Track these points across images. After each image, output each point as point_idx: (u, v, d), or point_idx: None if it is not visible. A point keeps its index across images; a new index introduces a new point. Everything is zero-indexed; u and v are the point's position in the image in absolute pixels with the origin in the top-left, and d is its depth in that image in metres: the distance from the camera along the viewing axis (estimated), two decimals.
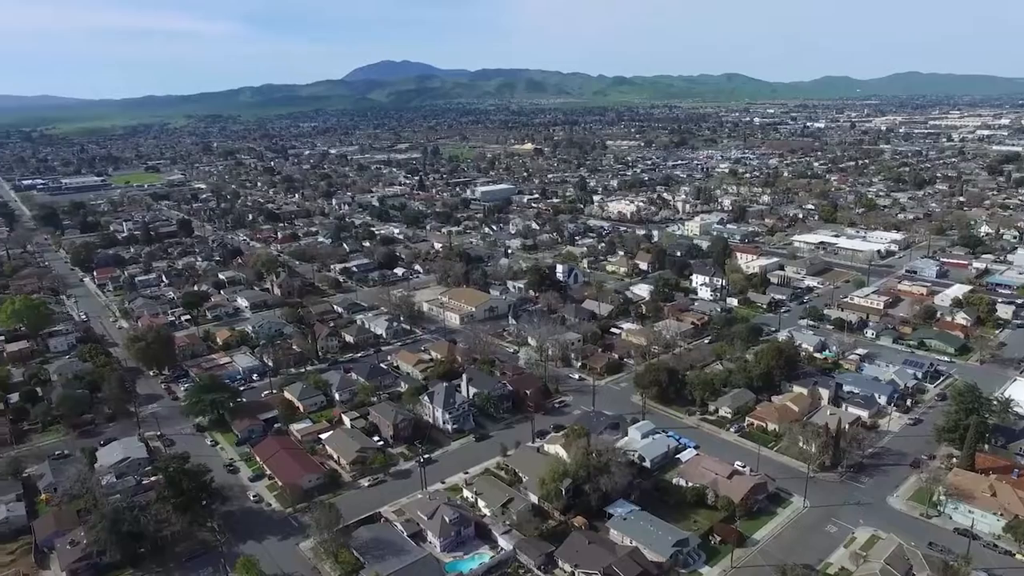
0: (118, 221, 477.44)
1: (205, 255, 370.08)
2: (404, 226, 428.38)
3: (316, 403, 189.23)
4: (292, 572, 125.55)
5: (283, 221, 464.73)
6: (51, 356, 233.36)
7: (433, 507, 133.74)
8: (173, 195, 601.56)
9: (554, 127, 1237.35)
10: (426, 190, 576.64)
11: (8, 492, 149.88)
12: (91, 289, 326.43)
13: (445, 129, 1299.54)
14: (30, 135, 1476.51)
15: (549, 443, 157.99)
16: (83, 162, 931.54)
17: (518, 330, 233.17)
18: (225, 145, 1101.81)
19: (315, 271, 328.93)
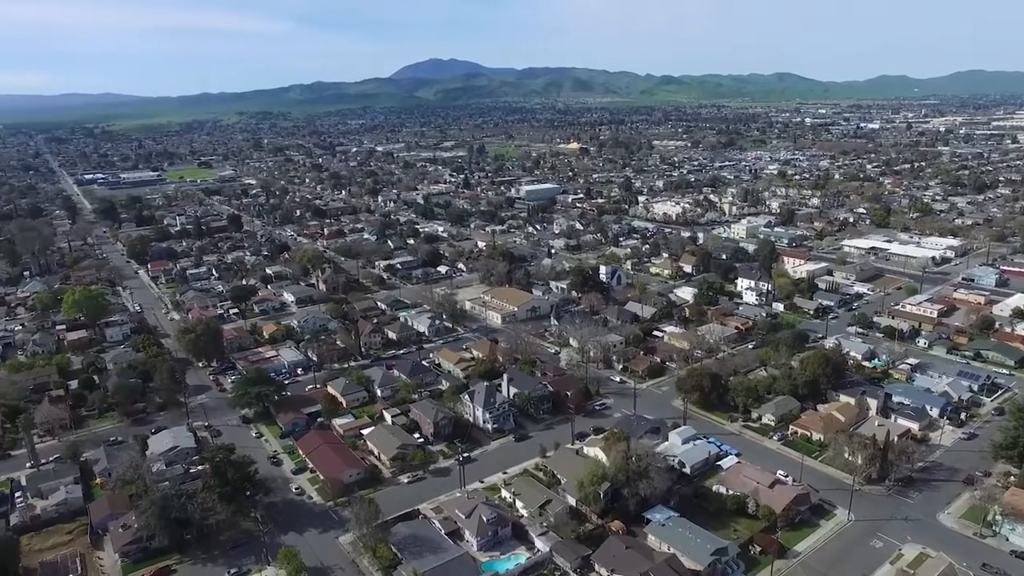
0: (172, 215, 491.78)
1: (254, 250, 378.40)
2: (448, 224, 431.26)
3: (358, 399, 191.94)
4: (331, 565, 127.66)
5: (330, 217, 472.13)
6: (107, 345, 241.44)
7: (471, 506, 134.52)
8: (224, 190, 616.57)
9: (600, 126, 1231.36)
10: (471, 188, 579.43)
11: (67, 475, 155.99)
12: (145, 281, 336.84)
13: (491, 128, 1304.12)
14: (92, 131, 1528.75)
15: (588, 446, 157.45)
16: (140, 157, 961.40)
17: (560, 331, 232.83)
18: (275, 142, 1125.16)
19: (360, 267, 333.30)
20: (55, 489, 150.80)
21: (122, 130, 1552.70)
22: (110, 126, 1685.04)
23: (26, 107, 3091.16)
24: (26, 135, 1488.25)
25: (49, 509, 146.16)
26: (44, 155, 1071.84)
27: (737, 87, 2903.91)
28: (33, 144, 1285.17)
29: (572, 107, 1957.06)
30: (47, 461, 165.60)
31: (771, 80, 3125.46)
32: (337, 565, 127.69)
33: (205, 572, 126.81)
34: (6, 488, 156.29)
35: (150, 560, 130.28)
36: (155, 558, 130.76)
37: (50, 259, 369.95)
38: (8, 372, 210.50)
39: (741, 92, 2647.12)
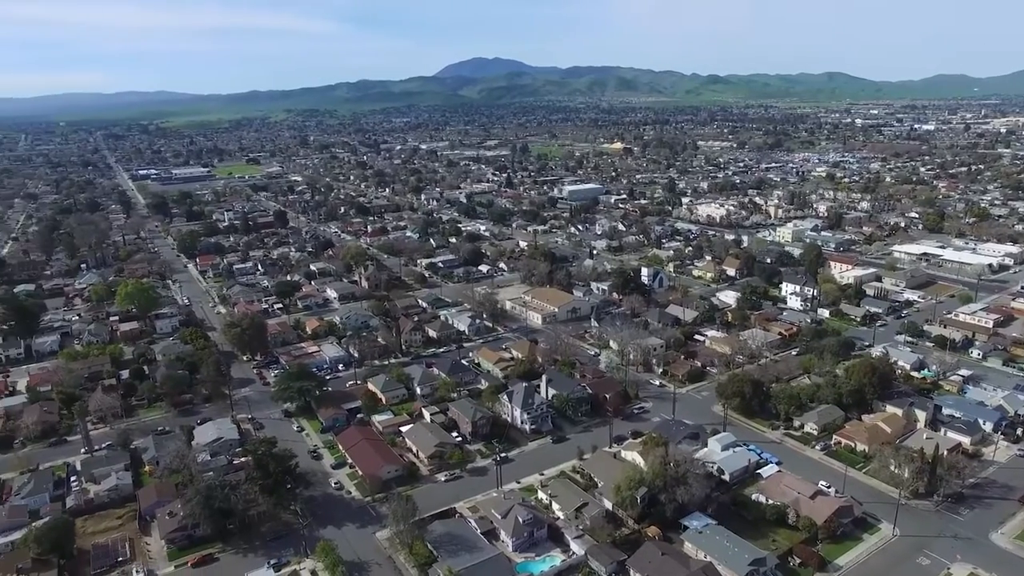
0: (220, 211, 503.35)
1: (298, 246, 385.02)
2: (490, 223, 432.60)
3: (398, 396, 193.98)
4: (368, 560, 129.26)
5: (373, 215, 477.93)
6: (157, 337, 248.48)
7: (507, 506, 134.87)
8: (271, 187, 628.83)
9: (644, 126, 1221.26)
10: (514, 188, 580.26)
11: (118, 462, 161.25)
12: (194, 275, 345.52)
13: (534, 127, 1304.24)
14: (147, 128, 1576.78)
15: (626, 449, 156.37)
16: (191, 154, 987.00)
17: (600, 332, 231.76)
18: (321, 139, 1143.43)
19: (402, 265, 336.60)
20: (107, 475, 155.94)
21: (175, 127, 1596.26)
22: (164, 123, 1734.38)
23: (87, 105, 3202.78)
24: (86, 132, 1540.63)
25: (101, 494, 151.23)
26: (102, 151, 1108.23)
27: (785, 87, 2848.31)
28: (92, 140, 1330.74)
29: (616, 106, 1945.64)
30: (100, 447, 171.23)
31: (821, 80, 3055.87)
32: (374, 560, 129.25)
33: (246, 562, 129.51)
34: (63, 472, 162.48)
35: (194, 547, 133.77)
36: (199, 546, 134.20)
37: (106, 252, 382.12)
38: (65, 361, 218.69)
39: (789, 92, 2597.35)
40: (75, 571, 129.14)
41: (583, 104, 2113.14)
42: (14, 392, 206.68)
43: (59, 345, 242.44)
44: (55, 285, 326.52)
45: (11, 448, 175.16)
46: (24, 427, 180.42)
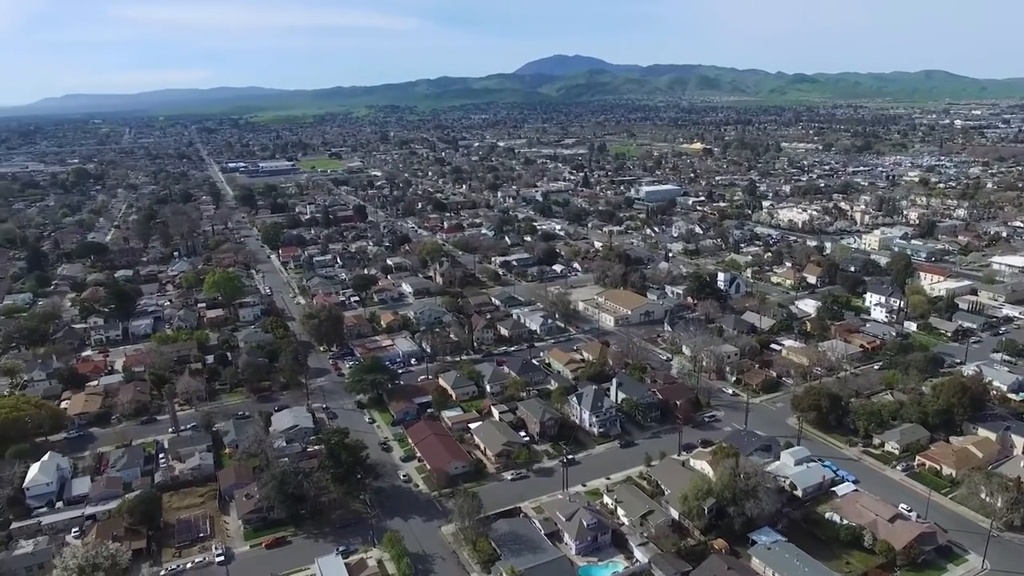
0: (303, 204, 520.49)
1: (376, 240, 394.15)
2: (566, 223, 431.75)
3: (468, 392, 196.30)
4: (432, 553, 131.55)
5: (450, 211, 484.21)
6: (240, 325, 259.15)
7: (572, 509, 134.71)
8: (351, 181, 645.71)
9: (725, 126, 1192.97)
10: (590, 187, 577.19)
11: (201, 442, 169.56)
12: (276, 265, 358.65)
13: (613, 125, 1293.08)
14: (237, 122, 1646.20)
15: (695, 458, 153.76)
16: (277, 148, 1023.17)
17: (673, 337, 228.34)
18: (401, 135, 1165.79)
19: (476, 262, 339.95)
20: (191, 454, 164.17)
21: (263, 121, 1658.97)
22: (253, 118, 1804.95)
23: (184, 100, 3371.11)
24: (183, 126, 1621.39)
25: (185, 472, 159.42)
26: (196, 144, 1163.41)
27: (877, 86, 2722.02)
28: (187, 134, 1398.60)
29: (697, 106, 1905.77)
30: (185, 428, 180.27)
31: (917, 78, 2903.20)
32: (438, 554, 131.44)
33: (316, 547, 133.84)
34: (152, 448, 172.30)
35: (269, 529, 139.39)
36: (273, 528, 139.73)
37: (196, 241, 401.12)
38: (157, 344, 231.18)
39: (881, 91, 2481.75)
40: (161, 543, 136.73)
41: (663, 103, 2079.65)
42: (112, 371, 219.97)
43: (152, 328, 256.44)
44: (150, 271, 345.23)
45: (109, 423, 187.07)
46: (120, 404, 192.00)
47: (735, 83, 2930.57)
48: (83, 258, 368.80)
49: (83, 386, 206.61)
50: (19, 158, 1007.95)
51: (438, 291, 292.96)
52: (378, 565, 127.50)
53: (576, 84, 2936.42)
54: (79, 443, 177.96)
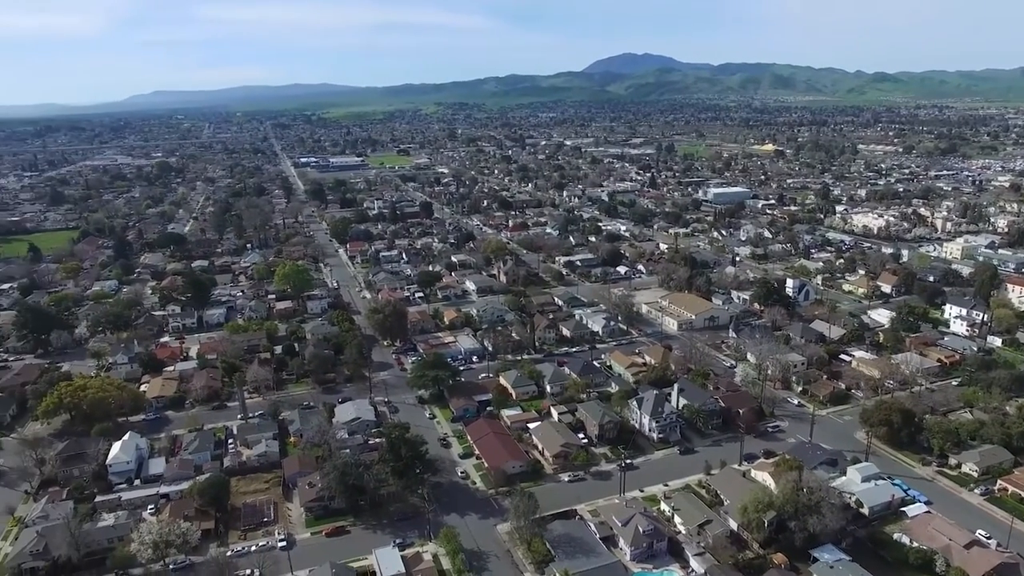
0: (371, 199, 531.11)
1: (441, 237, 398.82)
2: (631, 223, 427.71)
3: (528, 392, 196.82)
4: (487, 551, 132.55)
5: (515, 209, 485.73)
6: (308, 317, 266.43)
7: (629, 514, 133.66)
8: (419, 177, 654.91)
9: (799, 127, 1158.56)
10: (657, 188, 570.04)
11: (268, 430, 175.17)
12: (343, 259, 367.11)
13: (682, 125, 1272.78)
14: (310, 118, 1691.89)
15: (757, 469, 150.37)
16: (348, 143, 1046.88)
17: (738, 344, 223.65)
18: (468, 132, 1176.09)
19: (540, 261, 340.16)
20: (258, 441, 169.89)
21: (334, 118, 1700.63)
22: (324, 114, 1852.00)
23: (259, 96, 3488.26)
24: (258, 121, 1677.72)
25: (252, 458, 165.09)
26: (270, 139, 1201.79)
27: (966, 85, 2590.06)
28: (262, 129, 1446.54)
29: (769, 106, 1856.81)
30: (253, 415, 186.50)
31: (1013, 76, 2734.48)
32: (493, 552, 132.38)
33: (374, 538, 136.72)
34: (222, 434, 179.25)
35: (329, 518, 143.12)
36: (333, 517, 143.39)
37: (268, 234, 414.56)
38: (229, 333, 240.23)
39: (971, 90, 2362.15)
40: (228, 525, 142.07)
41: (734, 103, 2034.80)
42: (187, 358, 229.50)
43: (225, 318, 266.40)
44: (224, 262, 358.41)
45: (183, 407, 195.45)
46: (194, 390, 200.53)
47: (810, 82, 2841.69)
48: (163, 248, 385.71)
49: (161, 371, 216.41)
50: (109, 151, 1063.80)
51: (501, 289, 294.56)
52: (433, 559, 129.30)
53: (645, 83, 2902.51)
54: (156, 425, 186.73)
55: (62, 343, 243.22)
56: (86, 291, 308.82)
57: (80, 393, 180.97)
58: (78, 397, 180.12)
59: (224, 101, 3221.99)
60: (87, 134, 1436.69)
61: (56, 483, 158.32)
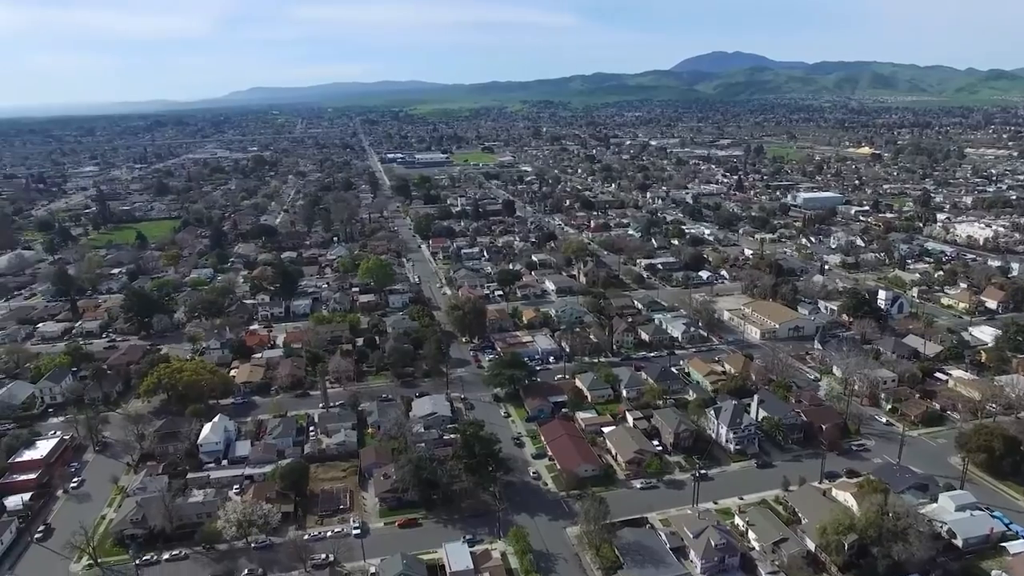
0: (454, 196, 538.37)
1: (523, 236, 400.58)
2: (716, 227, 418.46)
3: (603, 395, 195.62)
4: (556, 553, 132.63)
5: (597, 210, 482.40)
6: (389, 311, 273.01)
7: (701, 526, 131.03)
8: (502, 175, 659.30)
9: (900, 129, 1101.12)
10: (744, 191, 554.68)
11: (347, 420, 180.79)
12: (425, 255, 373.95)
13: (772, 126, 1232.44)
14: (397, 115, 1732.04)
15: (839, 488, 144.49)
16: (433, 140, 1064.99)
17: (823, 356, 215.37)
18: (553, 131, 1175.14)
19: (621, 263, 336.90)
20: (337, 430, 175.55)
21: (421, 114, 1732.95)
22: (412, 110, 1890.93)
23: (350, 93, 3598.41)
24: (348, 117, 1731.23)
25: (331, 446, 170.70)
26: (359, 135, 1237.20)
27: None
28: (352, 125, 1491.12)
29: (868, 106, 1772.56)
30: (334, 405, 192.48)
31: None
32: (561, 555, 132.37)
33: (445, 533, 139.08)
34: (303, 421, 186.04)
35: (402, 510, 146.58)
36: (406, 509, 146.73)
37: (354, 228, 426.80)
38: (314, 323, 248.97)
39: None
40: (306, 509, 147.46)
41: (829, 103, 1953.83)
42: (274, 346, 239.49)
43: (310, 308, 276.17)
44: (312, 255, 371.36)
45: (269, 394, 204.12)
46: (279, 377, 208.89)
47: (914, 81, 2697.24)
48: (256, 239, 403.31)
49: (249, 357, 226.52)
50: (210, 145, 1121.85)
51: (581, 290, 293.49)
52: (502, 558, 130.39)
53: (735, 82, 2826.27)
54: (243, 409, 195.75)
55: (162, 327, 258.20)
56: (185, 278, 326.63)
57: (177, 375, 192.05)
58: (175, 379, 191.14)
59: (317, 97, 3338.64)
60: (191, 129, 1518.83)
61: (153, 458, 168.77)
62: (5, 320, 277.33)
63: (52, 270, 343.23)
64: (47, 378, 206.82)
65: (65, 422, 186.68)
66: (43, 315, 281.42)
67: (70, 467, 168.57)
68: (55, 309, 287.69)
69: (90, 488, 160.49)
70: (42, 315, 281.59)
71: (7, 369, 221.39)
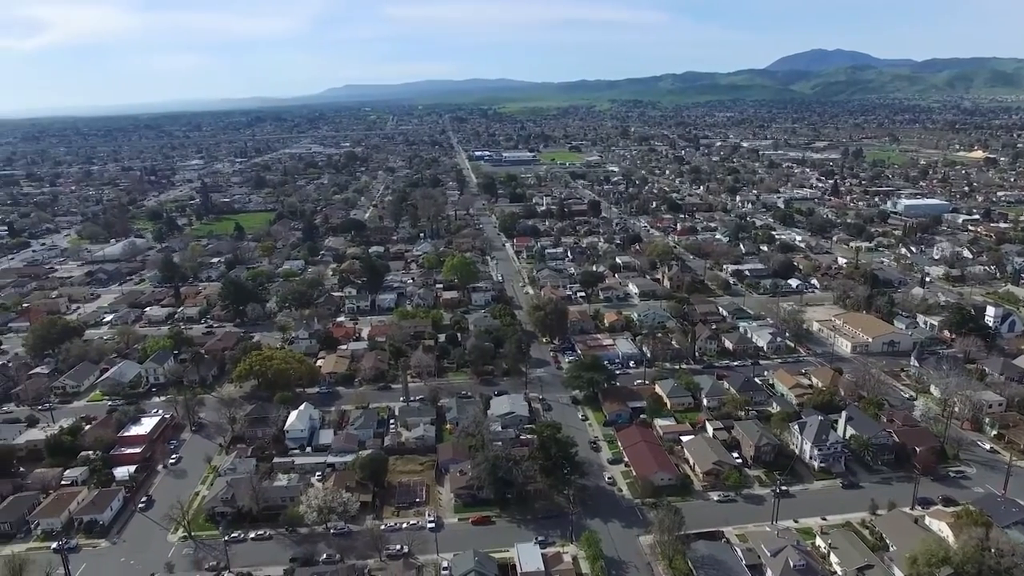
0: (540, 195, 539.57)
1: (607, 237, 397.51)
2: (808, 234, 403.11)
3: (683, 403, 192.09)
4: (627, 561, 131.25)
5: (684, 212, 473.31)
6: (471, 308, 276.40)
7: (779, 545, 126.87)
8: (588, 175, 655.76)
9: (1020, 131, 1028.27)
10: (839, 196, 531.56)
11: (426, 415, 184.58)
12: (509, 254, 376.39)
13: (873, 128, 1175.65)
14: (486, 112, 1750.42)
15: (932, 516, 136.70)
16: (521, 138, 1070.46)
17: (920, 374, 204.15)
18: (641, 130, 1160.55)
19: (707, 268, 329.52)
20: (417, 424, 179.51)
21: (509, 112, 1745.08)
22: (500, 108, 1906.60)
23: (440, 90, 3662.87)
24: (437, 114, 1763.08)
25: (410, 440, 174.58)
26: (447, 132, 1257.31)
27: None
28: (441, 122, 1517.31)
29: (983, 106, 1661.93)
30: (414, 399, 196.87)
31: None
32: (632, 563, 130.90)
33: (518, 532, 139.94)
34: (384, 413, 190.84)
35: (476, 507, 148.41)
36: (480, 506, 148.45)
37: (440, 224, 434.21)
38: (398, 318, 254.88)
39: None
40: (384, 500, 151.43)
41: (938, 103, 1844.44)
42: (359, 338, 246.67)
43: (395, 303, 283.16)
44: (398, 250, 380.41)
45: (352, 385, 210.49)
46: (363, 369, 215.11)
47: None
48: (345, 233, 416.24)
49: (335, 348, 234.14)
50: (305, 141, 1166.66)
51: (664, 295, 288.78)
52: (573, 562, 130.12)
53: (834, 81, 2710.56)
54: (327, 399, 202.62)
55: (256, 315, 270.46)
56: (277, 269, 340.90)
57: (267, 363, 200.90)
58: (265, 366, 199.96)
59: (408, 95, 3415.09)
60: (288, 124, 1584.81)
61: (243, 441, 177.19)
62: (118, 303, 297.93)
63: (159, 258, 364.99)
64: (152, 359, 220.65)
65: (166, 402, 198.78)
66: (150, 300, 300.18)
67: (169, 444, 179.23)
68: (161, 294, 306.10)
69: (186, 465, 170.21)
70: (149, 300, 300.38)
71: (118, 349, 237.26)
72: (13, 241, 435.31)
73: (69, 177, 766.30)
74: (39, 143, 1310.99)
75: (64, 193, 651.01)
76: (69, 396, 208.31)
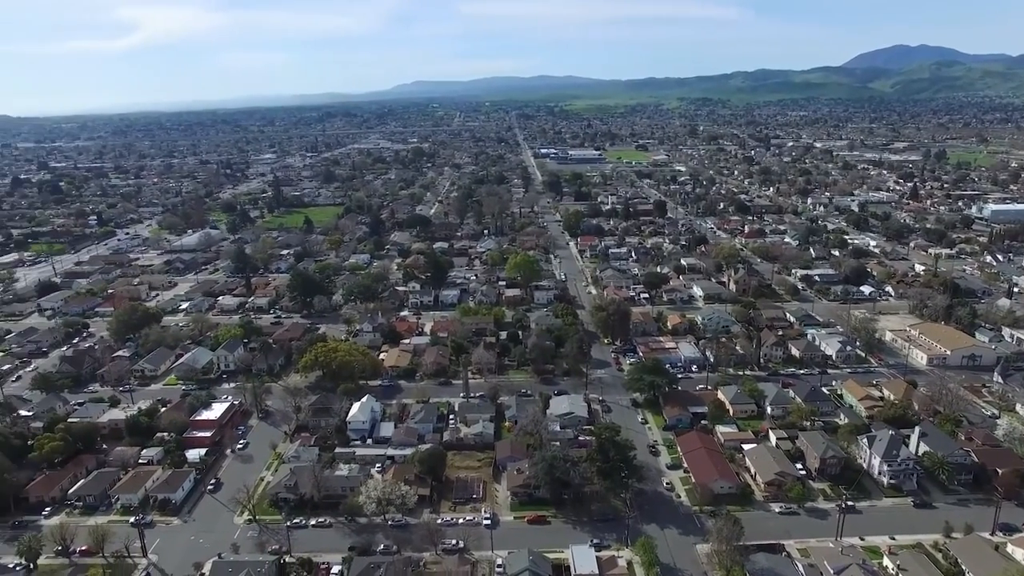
0: (605, 194, 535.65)
1: (673, 238, 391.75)
2: (883, 239, 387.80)
3: (746, 410, 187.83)
4: (683, 569, 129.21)
5: (752, 214, 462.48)
6: (534, 306, 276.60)
7: (844, 563, 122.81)
8: (655, 175, 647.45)
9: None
10: (919, 200, 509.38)
11: (486, 412, 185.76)
12: (573, 253, 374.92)
13: (959, 128, 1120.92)
14: (552, 110, 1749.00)
15: (1015, 544, 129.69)
16: (587, 136, 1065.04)
17: (1004, 391, 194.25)
18: (710, 129, 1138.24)
19: (775, 273, 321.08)
20: (476, 421, 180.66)
21: (576, 110, 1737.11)
22: (567, 106, 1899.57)
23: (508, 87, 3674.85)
24: (504, 111, 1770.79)
25: (469, 436, 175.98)
26: (514, 129, 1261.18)
27: None
28: (507, 119, 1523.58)
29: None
30: (474, 396, 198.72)
31: None
32: (688, 572, 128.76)
33: (573, 533, 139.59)
34: (444, 409, 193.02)
35: (533, 505, 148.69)
36: (536, 505, 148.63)
37: (504, 222, 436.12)
38: (460, 314, 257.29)
39: None
40: (441, 495, 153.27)
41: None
42: (422, 333, 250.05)
43: (458, 299, 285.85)
44: (462, 246, 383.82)
45: (413, 379, 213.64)
46: (424, 364, 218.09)
47: None
48: (411, 228, 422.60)
49: (398, 342, 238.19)
50: (374, 136, 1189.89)
51: (730, 298, 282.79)
52: (627, 566, 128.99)
53: (917, 78, 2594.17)
54: (389, 392, 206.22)
55: (322, 307, 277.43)
56: (344, 262, 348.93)
57: (332, 354, 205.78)
58: (330, 357, 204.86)
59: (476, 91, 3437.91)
60: (357, 120, 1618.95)
61: (307, 429, 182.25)
62: (193, 292, 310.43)
63: (232, 248, 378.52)
64: (223, 347, 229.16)
65: (236, 388, 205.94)
66: (223, 289, 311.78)
67: (238, 430, 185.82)
68: (233, 284, 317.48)
69: (253, 451, 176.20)
70: (222, 289, 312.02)
71: (192, 336, 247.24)
72: (101, 230, 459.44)
73: (152, 170, 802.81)
74: (126, 137, 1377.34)
75: (147, 185, 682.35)
76: (147, 379, 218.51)
